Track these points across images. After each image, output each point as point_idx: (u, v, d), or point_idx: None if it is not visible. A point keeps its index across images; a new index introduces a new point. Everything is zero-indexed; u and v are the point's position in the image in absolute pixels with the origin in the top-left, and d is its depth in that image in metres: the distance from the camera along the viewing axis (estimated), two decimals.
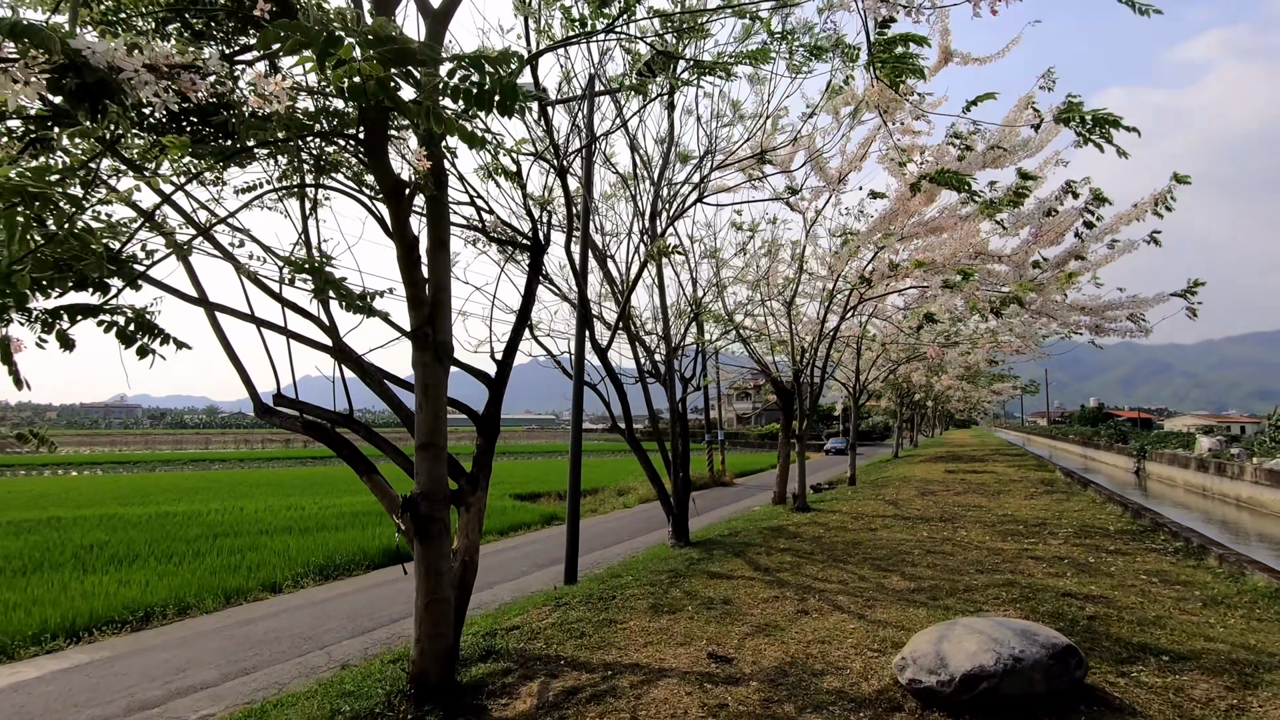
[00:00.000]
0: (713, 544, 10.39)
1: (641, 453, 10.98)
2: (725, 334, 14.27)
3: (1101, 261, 10.72)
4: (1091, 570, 7.55)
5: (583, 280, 9.03)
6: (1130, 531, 10.06)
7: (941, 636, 4.22)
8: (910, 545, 9.35)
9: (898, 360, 18.27)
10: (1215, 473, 24.49)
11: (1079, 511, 12.45)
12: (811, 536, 10.36)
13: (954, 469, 23.26)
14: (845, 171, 11.98)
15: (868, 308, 14.15)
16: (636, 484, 27.48)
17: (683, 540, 10.98)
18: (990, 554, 8.59)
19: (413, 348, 4.53)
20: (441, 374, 4.54)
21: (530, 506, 21.43)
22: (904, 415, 35.42)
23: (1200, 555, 8.12)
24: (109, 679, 6.58)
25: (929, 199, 10.88)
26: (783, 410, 16.23)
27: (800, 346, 14.22)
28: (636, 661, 4.95)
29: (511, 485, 26.62)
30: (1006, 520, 11.51)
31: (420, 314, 4.45)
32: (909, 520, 11.87)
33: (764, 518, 12.98)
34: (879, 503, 14.47)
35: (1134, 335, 10.32)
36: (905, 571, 7.64)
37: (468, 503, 5.43)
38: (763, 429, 76.76)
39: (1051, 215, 10.26)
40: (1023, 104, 9.61)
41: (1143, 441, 34.93)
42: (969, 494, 15.73)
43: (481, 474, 5.69)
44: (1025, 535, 10.02)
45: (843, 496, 16.14)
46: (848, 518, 12.31)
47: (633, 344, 11.10)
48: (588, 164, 9.09)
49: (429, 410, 4.48)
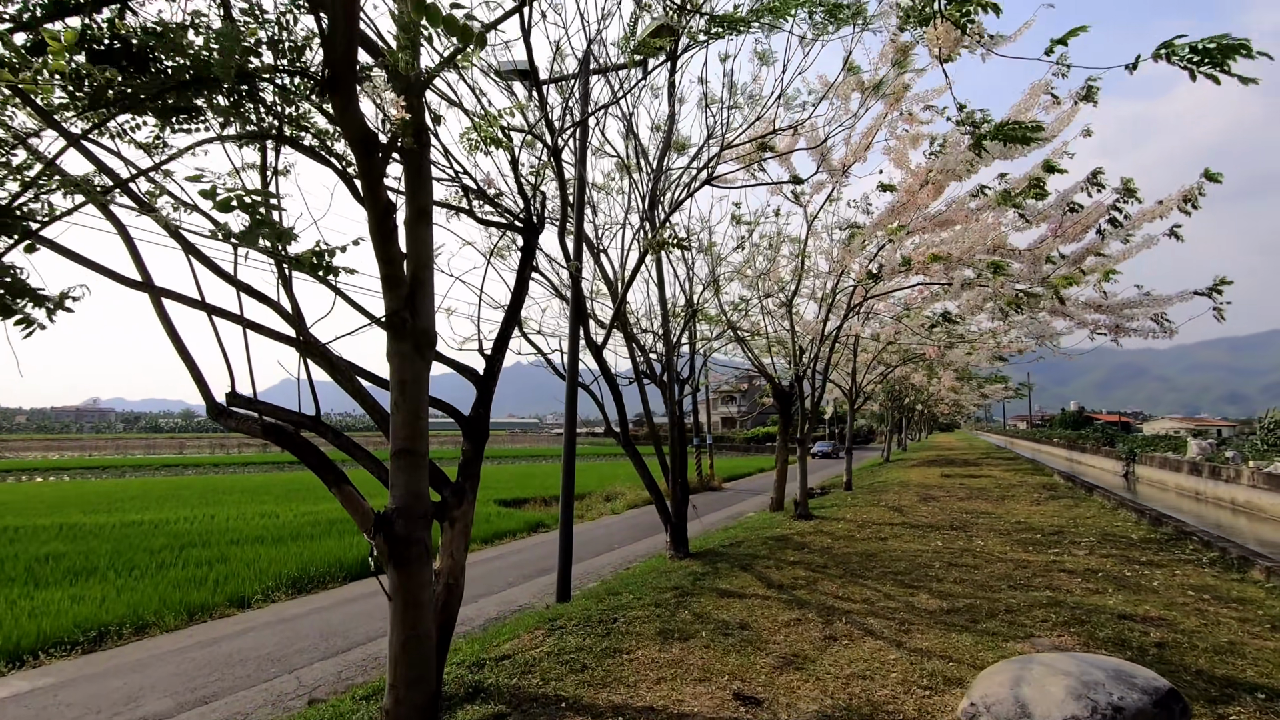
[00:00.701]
0: (715, 556, 9.71)
1: (637, 457, 10.28)
2: (721, 334, 13.60)
3: (1119, 257, 10.21)
4: (1133, 586, 6.96)
5: (577, 269, 8.32)
6: (1156, 540, 9.53)
7: (1018, 678, 3.56)
8: (928, 557, 8.73)
9: (896, 361, 17.73)
10: (1210, 476, 24.25)
11: (1092, 519, 11.93)
12: (820, 547, 9.71)
13: (950, 473, 22.78)
14: (850, 162, 11.41)
15: (871, 306, 13.57)
16: (624, 489, 26.77)
17: (682, 551, 10.29)
18: (1017, 567, 7.99)
19: (388, 337, 3.80)
20: (422, 367, 3.82)
21: (515, 513, 20.64)
22: (895, 418, 35.00)
23: (1242, 567, 7.57)
24: (50, 710, 5.81)
25: (937, 191, 10.32)
26: (780, 413, 15.61)
27: (800, 347, 13.60)
28: (650, 704, 4.24)
29: (496, 491, 25.80)
30: (1021, 528, 10.94)
31: (397, 295, 3.73)
32: (919, 529, 11.27)
33: (765, 526, 12.33)
34: (883, 509, 13.87)
35: (1156, 336, 9.79)
36: (933, 588, 7.00)
37: (452, 517, 4.72)
38: (748, 433, 76.29)
39: (1074, 210, 9.73)
40: (1038, 90, 9.11)
41: (1131, 445, 34.79)
42: (973, 500, 15.19)
43: (469, 483, 4.97)
44: (1046, 545, 9.44)
45: (843, 503, 15.53)
46: (854, 526, 11.69)
47: (629, 343, 10.41)
48: (582, 142, 8.40)
49: (407, 410, 3.76)
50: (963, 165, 9.59)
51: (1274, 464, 20.49)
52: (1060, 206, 9.63)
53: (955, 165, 9.62)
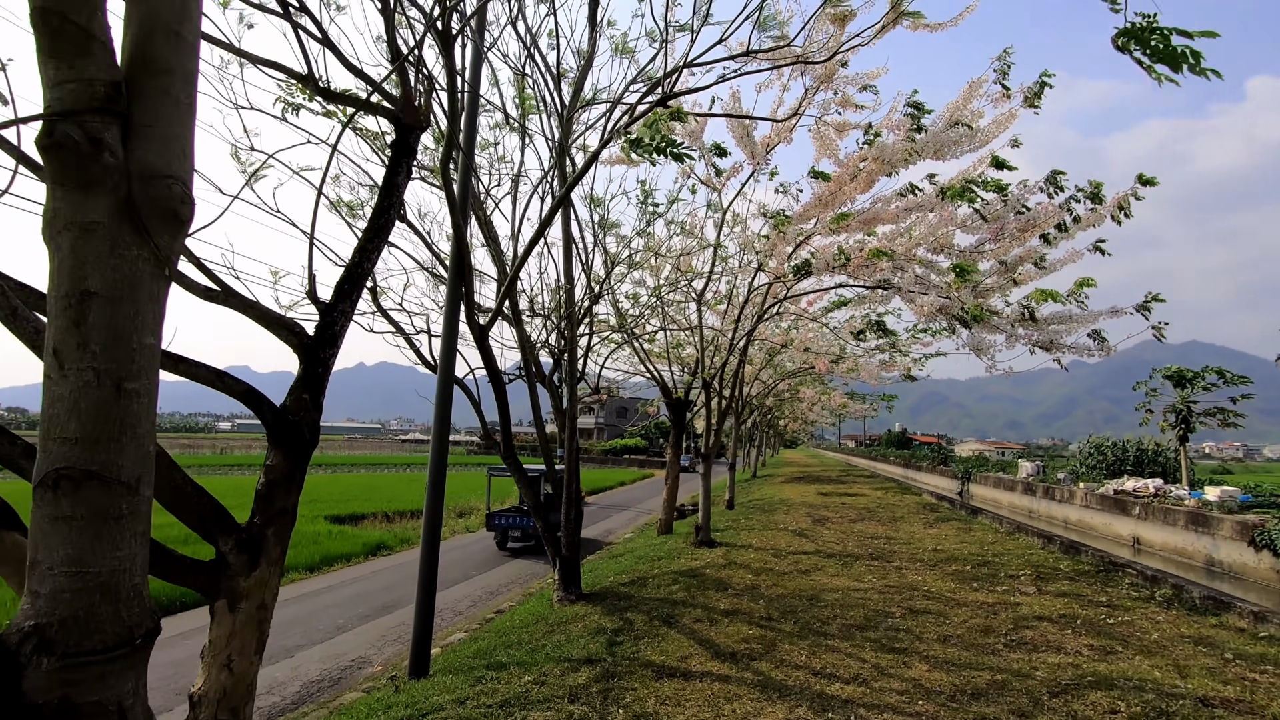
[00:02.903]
0: (618, 600, 7.70)
1: (523, 473, 8.06)
2: (617, 330, 11.62)
3: (1053, 267, 9.56)
4: (1142, 646, 5.84)
5: (462, 216, 6.02)
6: (1088, 573, 8.83)
7: None
8: (876, 600, 7.30)
9: (784, 372, 16.79)
10: (1044, 496, 25.93)
11: (996, 544, 11.31)
12: (745, 586, 8.00)
13: (827, 491, 22.41)
14: (774, 142, 9.99)
15: (784, 308, 12.29)
16: (480, 504, 23.95)
17: (573, 591, 8.18)
18: (984, 613, 6.73)
19: (49, 177, 1.47)
20: (144, 273, 1.51)
21: (351, 532, 17.30)
22: (764, 433, 34.95)
23: (1214, 610, 6.80)
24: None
25: (867, 184, 9.16)
26: (674, 425, 13.94)
27: (711, 349, 12.03)
28: None
29: (328, 505, 21.99)
30: (942, 558, 9.97)
31: (83, 75, 1.42)
32: (837, 558, 9.96)
33: (664, 555, 10.49)
34: (785, 534, 12.56)
35: (1091, 355, 9.19)
36: (920, 651, 5.47)
37: (236, 591, 2.42)
38: (606, 444, 75.08)
39: (1020, 214, 8.92)
40: (974, 87, 8.22)
41: (967, 465, 37.23)
42: (866, 522, 14.39)
43: (273, 529, 2.67)
44: (983, 580, 8.41)
45: (736, 525, 14.10)
46: (767, 555, 10.16)
47: (518, 328, 8.17)
48: (477, 43, 6.13)
49: (89, 374, 1.43)
50: (900, 155, 8.49)
51: (1105, 485, 22.05)
52: (1013, 208, 8.78)
53: (892, 155, 8.49)
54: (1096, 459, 26.75)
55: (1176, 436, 19.57)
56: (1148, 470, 24.71)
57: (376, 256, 3.36)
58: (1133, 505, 20.21)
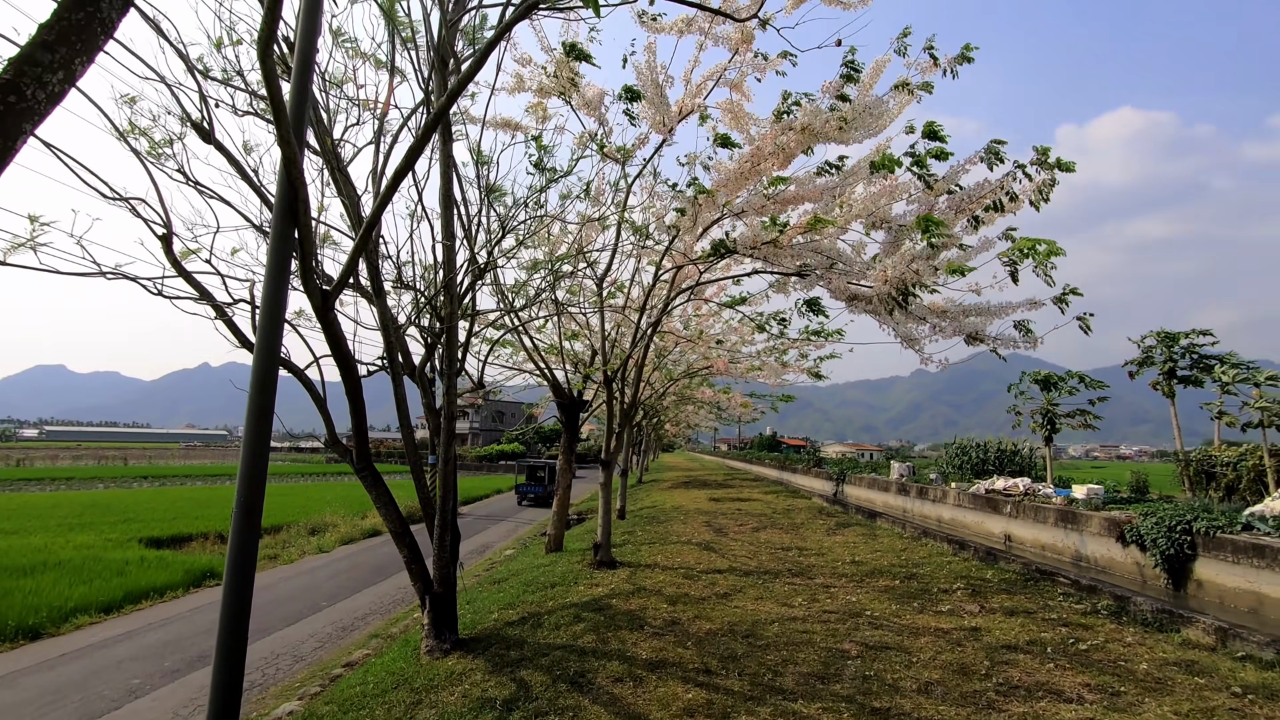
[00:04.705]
0: (508, 648, 6.04)
1: (381, 486, 6.21)
2: (506, 314, 9.83)
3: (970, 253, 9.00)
4: (1141, 683, 5.00)
5: (297, 129, 4.15)
6: (1018, 583, 8.22)
7: None
8: (818, 631, 6.13)
9: (683, 372, 15.65)
10: (917, 496, 26.75)
11: (908, 552, 10.69)
12: (665, 621, 6.57)
13: (717, 497, 21.58)
14: (687, 110, 8.83)
15: (689, 295, 11.07)
16: (336, 518, 21.00)
17: (448, 637, 6.41)
18: (944, 644, 5.73)
19: None
20: None
21: (172, 558, 14.14)
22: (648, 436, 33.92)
23: (1174, 626, 6.22)
24: None
25: (786, 160, 8.23)
26: (565, 428, 12.32)
27: (610, 341, 10.57)
28: None
29: (146, 525, 18.33)
30: (866, 572, 9.09)
31: None
32: (754, 576, 8.81)
33: (558, 580, 8.84)
34: (688, 548, 11.30)
35: (1018, 347, 8.69)
36: (908, 712, 4.28)
37: None
38: (480, 450, 71.67)
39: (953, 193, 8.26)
40: (877, 67, 7.58)
41: (842, 466, 38.31)
42: (769, 530, 13.48)
43: None
44: (919, 597, 7.55)
45: (633, 538, 12.69)
46: (678, 576, 8.81)
47: (379, 300, 6.28)
48: None
49: None
50: (831, 125, 7.61)
51: (976, 485, 22.89)
52: (950, 182, 8.11)
53: (821, 125, 7.58)
54: (961, 459, 28.05)
55: (1043, 438, 20.57)
56: (1008, 469, 26.19)
57: None
58: (1004, 504, 21.02)
